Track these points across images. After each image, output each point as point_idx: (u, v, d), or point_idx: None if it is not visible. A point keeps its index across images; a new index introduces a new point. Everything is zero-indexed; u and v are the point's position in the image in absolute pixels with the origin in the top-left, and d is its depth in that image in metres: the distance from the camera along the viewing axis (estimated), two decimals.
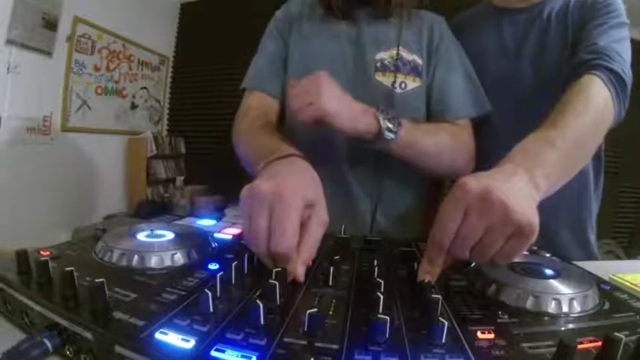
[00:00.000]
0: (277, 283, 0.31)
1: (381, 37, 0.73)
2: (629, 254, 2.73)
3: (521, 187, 0.40)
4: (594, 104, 0.55)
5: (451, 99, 0.72)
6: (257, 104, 0.73)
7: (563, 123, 0.51)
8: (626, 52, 0.64)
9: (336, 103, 0.56)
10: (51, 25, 2.20)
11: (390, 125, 0.59)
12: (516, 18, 0.80)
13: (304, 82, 0.58)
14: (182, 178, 3.26)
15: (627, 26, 0.67)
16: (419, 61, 0.73)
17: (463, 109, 0.72)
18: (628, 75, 0.61)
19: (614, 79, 0.59)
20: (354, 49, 0.73)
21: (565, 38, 0.74)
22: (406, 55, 0.72)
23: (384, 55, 0.72)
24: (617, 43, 0.63)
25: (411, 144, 0.62)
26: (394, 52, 0.72)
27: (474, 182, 0.38)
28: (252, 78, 0.76)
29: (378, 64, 0.72)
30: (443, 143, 0.67)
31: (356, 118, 0.58)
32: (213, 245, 0.47)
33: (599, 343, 0.25)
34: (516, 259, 0.44)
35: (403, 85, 0.71)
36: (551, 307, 0.33)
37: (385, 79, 0.71)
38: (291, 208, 0.38)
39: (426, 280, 0.37)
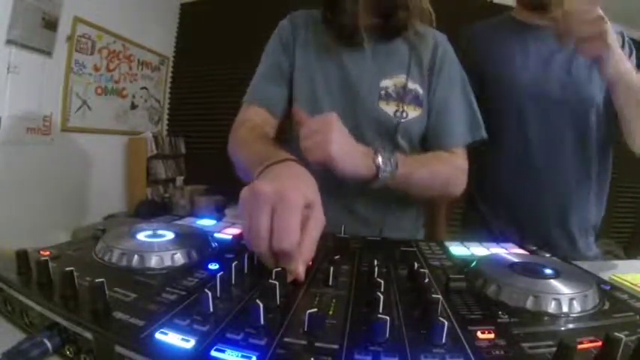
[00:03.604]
0: (277, 283, 0.31)
1: (386, 65, 0.73)
2: (629, 254, 2.73)
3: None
4: None
5: (448, 128, 0.73)
6: (255, 117, 0.73)
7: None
8: None
9: (342, 150, 0.57)
10: (51, 25, 2.20)
11: (388, 167, 0.61)
12: (541, 35, 0.82)
13: (315, 123, 0.58)
14: (182, 178, 3.26)
15: None
16: (420, 90, 0.74)
17: (459, 137, 0.73)
18: None
19: None
20: (359, 76, 0.73)
21: (589, 68, 0.78)
22: (409, 85, 0.73)
23: (389, 83, 0.73)
24: None
25: (406, 179, 0.64)
26: (398, 80, 0.73)
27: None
28: (253, 91, 0.76)
29: (382, 92, 0.72)
30: (437, 172, 0.69)
31: (358, 163, 0.60)
32: (213, 245, 0.47)
33: (599, 343, 0.25)
34: (515, 258, 0.44)
35: (405, 115, 0.72)
36: (551, 307, 0.33)
37: (388, 108, 0.72)
38: (293, 207, 0.38)
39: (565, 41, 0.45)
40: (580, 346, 0.25)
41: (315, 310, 0.28)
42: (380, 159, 0.61)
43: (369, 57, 0.73)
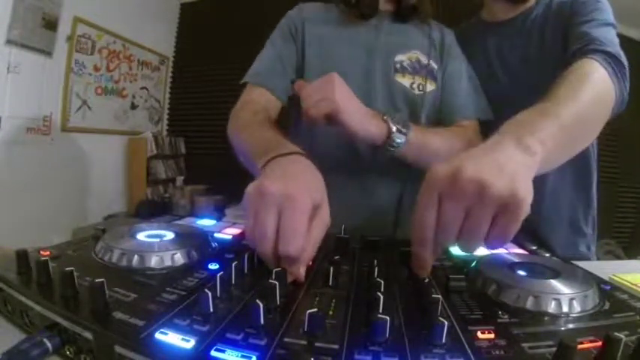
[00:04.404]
0: (277, 283, 0.31)
1: (399, 41, 0.75)
2: (629, 254, 2.73)
3: (504, 157, 0.37)
4: (591, 80, 0.53)
5: (458, 101, 0.74)
6: (259, 99, 0.72)
7: (557, 96, 0.49)
8: (617, 43, 0.61)
9: (349, 102, 0.56)
10: (51, 25, 2.20)
11: (400, 127, 0.59)
12: (500, 31, 0.80)
13: (316, 82, 0.57)
14: (182, 178, 3.26)
15: (615, 28, 0.65)
16: (434, 65, 0.75)
17: (469, 110, 0.74)
18: (624, 59, 0.59)
19: (610, 59, 0.57)
20: (373, 52, 0.74)
21: (543, 47, 0.74)
22: (423, 59, 0.74)
23: (403, 57, 0.74)
24: (609, 36, 0.62)
25: (422, 146, 0.62)
26: (412, 54, 0.74)
27: (442, 166, 0.36)
28: (256, 73, 0.75)
29: (398, 66, 0.73)
30: (454, 144, 0.66)
31: (366, 118, 0.58)
32: (213, 245, 0.47)
33: (599, 343, 0.25)
34: (515, 258, 0.44)
35: (421, 87, 0.73)
36: (551, 307, 0.33)
37: (405, 80, 0.73)
38: (301, 210, 0.37)
39: (421, 277, 0.38)
40: (580, 346, 0.25)
41: (315, 310, 0.28)
42: (390, 119, 0.59)
43: (383, 35, 0.75)
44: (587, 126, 0.53)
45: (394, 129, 0.59)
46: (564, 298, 0.34)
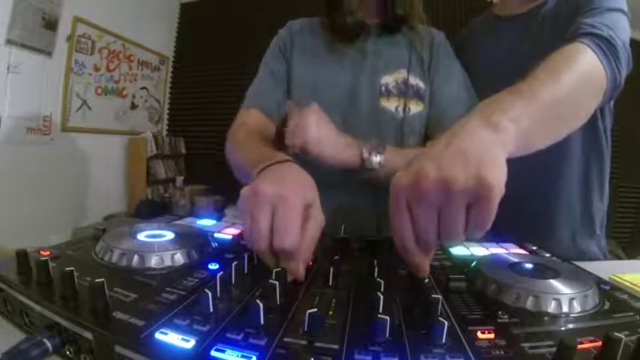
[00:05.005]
0: (277, 283, 0.31)
1: (386, 61, 0.74)
2: (629, 254, 2.73)
3: (468, 141, 0.35)
4: (575, 61, 0.51)
5: (448, 118, 0.72)
6: (254, 120, 0.74)
7: (536, 77, 0.47)
8: (618, 27, 0.57)
9: (320, 134, 0.59)
10: (51, 25, 2.20)
11: (373, 155, 0.61)
12: (513, 25, 0.79)
13: (297, 117, 0.60)
14: (182, 178, 3.26)
15: (624, 14, 0.62)
16: (421, 85, 0.74)
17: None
18: (619, 41, 0.56)
19: (599, 41, 0.54)
20: (359, 75, 0.74)
21: (556, 42, 0.73)
22: (410, 80, 0.73)
23: (389, 79, 0.73)
24: (607, 20, 0.58)
25: (399, 166, 0.62)
26: (399, 75, 0.73)
27: (403, 175, 0.36)
28: (251, 97, 0.77)
29: (383, 89, 0.73)
30: None
31: (338, 149, 0.61)
32: (213, 245, 0.47)
33: (599, 343, 0.25)
34: (515, 258, 0.44)
35: (407, 110, 0.72)
36: (551, 307, 0.33)
37: (389, 104, 0.72)
38: (293, 208, 0.39)
39: (422, 277, 0.38)
40: (580, 346, 0.25)
41: (315, 310, 0.28)
42: (365, 147, 0.61)
43: (369, 55, 0.74)
44: (572, 107, 0.51)
45: (366, 156, 0.61)
46: (564, 298, 0.34)
